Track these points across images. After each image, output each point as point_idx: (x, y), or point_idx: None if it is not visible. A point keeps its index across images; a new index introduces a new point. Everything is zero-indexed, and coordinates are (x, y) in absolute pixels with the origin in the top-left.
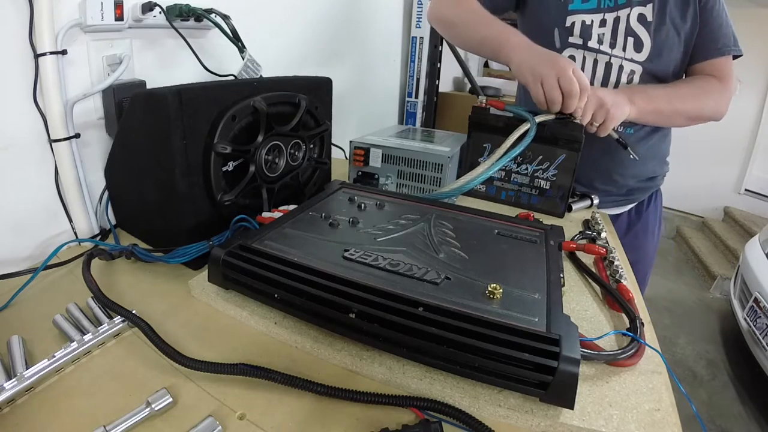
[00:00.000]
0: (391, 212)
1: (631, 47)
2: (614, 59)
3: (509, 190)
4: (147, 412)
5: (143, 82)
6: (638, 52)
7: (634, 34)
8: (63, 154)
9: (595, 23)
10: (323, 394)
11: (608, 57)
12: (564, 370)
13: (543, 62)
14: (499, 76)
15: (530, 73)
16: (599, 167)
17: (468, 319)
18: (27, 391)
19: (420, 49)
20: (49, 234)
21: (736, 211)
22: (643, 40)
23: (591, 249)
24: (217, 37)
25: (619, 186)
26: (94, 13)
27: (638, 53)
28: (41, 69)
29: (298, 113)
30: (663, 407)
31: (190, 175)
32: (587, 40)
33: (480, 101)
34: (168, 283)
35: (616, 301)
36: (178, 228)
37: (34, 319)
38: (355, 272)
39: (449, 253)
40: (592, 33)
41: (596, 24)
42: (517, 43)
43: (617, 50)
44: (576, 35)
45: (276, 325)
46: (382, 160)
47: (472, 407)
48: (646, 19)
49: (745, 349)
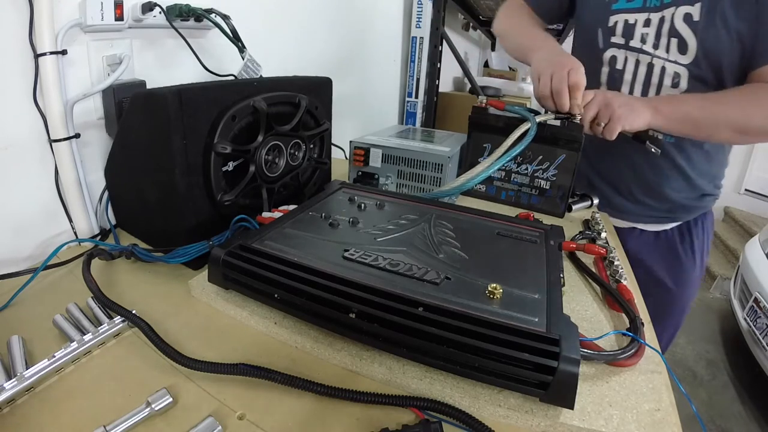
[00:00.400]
0: (391, 212)
1: (674, 49)
2: (656, 60)
3: (509, 190)
4: (147, 412)
5: (143, 82)
6: (682, 54)
7: (677, 35)
8: (63, 154)
9: (639, 22)
10: (323, 394)
11: (650, 58)
12: (564, 370)
13: (546, 61)
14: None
15: (535, 71)
16: (641, 176)
17: (468, 319)
18: (27, 391)
19: (420, 49)
20: (49, 234)
21: (736, 211)
22: (688, 42)
23: (591, 249)
24: (217, 37)
25: (661, 200)
26: (94, 13)
27: (682, 55)
28: (41, 69)
29: (298, 113)
30: (663, 407)
31: (190, 175)
32: (629, 39)
33: (480, 101)
34: (168, 283)
35: (616, 301)
36: (178, 228)
37: (34, 319)
38: (355, 272)
39: (449, 253)
40: (635, 32)
41: (640, 23)
42: (539, 47)
43: (660, 51)
44: (618, 35)
45: (276, 325)
46: (382, 160)
47: (472, 407)
48: (692, 18)
49: (745, 349)
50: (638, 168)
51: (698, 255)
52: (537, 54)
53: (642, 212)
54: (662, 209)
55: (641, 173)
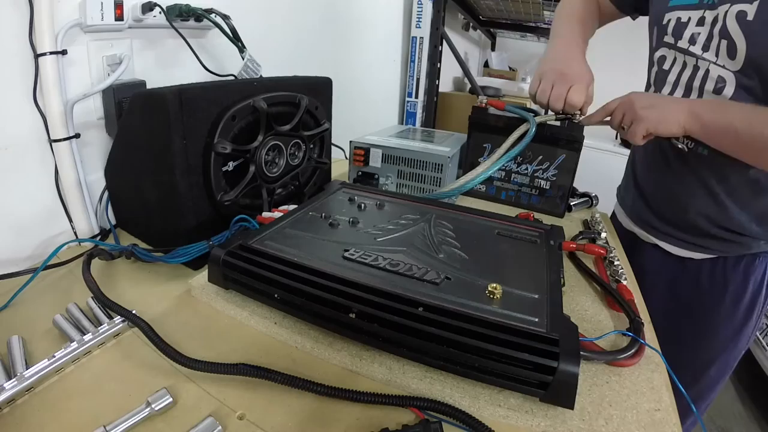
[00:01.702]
0: (391, 212)
1: (724, 51)
2: (701, 62)
3: (509, 190)
4: (147, 412)
5: (143, 82)
6: (731, 59)
7: (728, 36)
8: (63, 154)
9: (692, 21)
10: (323, 394)
11: (695, 59)
12: (564, 370)
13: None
14: (499, 76)
15: (538, 72)
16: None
17: (468, 319)
18: (27, 391)
19: (420, 49)
20: (49, 234)
21: None
22: (737, 44)
23: (591, 249)
24: (217, 37)
25: (689, 223)
26: (94, 13)
27: (731, 60)
28: (41, 69)
29: (298, 113)
30: (663, 407)
31: (190, 175)
32: (678, 39)
33: (480, 101)
34: (168, 283)
35: (616, 301)
36: (178, 228)
37: (34, 319)
38: (355, 272)
39: (449, 253)
40: (685, 32)
41: (693, 22)
42: (557, 45)
43: (709, 54)
44: (669, 33)
45: (276, 325)
46: (382, 160)
47: (472, 407)
48: (746, 17)
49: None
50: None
51: (739, 306)
52: (550, 52)
53: (666, 229)
54: (688, 233)
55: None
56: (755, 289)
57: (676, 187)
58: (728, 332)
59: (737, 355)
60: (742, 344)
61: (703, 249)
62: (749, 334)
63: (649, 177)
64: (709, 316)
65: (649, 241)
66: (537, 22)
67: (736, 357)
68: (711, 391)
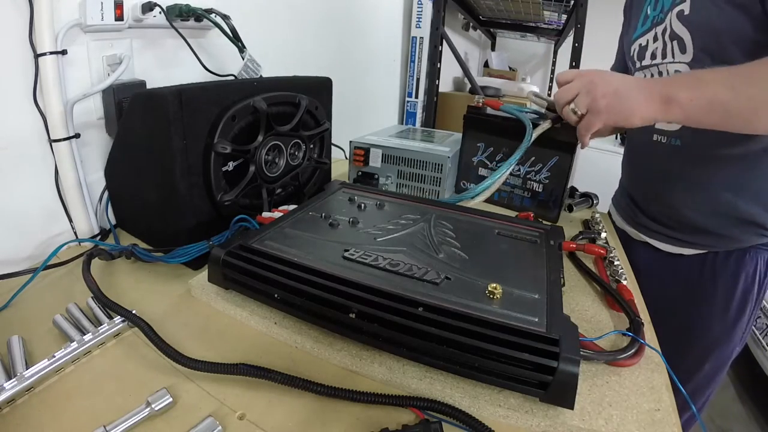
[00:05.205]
0: (391, 212)
1: (676, 50)
2: (661, 67)
3: (502, 191)
4: (147, 412)
5: (143, 82)
6: (683, 53)
7: (676, 36)
8: (63, 154)
9: (649, 41)
10: (323, 394)
11: (657, 67)
12: (564, 370)
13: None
14: (499, 76)
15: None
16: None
17: (468, 319)
18: (27, 391)
19: (420, 49)
20: (49, 234)
21: None
22: (685, 39)
23: (591, 249)
24: (217, 37)
25: (676, 218)
26: (94, 13)
27: (683, 54)
28: (41, 69)
29: (298, 113)
30: (663, 407)
31: (190, 175)
32: (641, 59)
33: (476, 101)
34: (168, 283)
35: (616, 301)
36: (178, 228)
37: (34, 319)
38: (355, 272)
39: (449, 253)
40: (647, 53)
41: (650, 41)
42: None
43: (667, 58)
44: (636, 59)
45: (276, 325)
46: (382, 160)
47: (472, 407)
48: (684, 13)
49: (745, 348)
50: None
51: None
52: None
53: (656, 228)
54: (675, 228)
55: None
56: (746, 284)
57: (658, 185)
58: (721, 328)
59: (732, 351)
60: (736, 340)
61: (692, 245)
62: (743, 329)
63: (633, 176)
64: (700, 312)
65: (639, 239)
66: (537, 22)
67: (731, 353)
68: (707, 387)
